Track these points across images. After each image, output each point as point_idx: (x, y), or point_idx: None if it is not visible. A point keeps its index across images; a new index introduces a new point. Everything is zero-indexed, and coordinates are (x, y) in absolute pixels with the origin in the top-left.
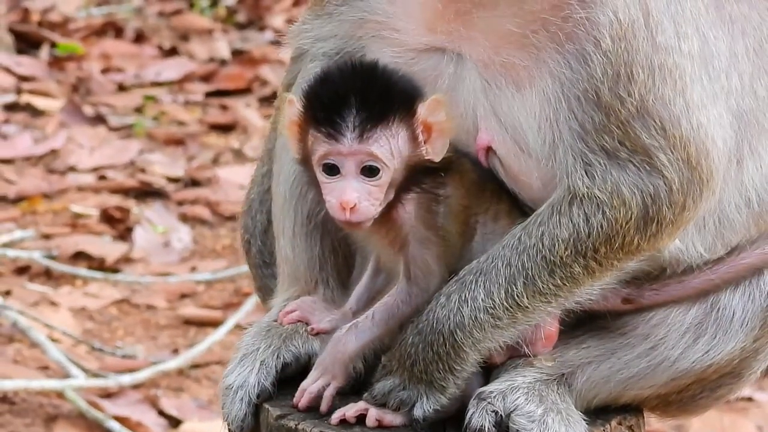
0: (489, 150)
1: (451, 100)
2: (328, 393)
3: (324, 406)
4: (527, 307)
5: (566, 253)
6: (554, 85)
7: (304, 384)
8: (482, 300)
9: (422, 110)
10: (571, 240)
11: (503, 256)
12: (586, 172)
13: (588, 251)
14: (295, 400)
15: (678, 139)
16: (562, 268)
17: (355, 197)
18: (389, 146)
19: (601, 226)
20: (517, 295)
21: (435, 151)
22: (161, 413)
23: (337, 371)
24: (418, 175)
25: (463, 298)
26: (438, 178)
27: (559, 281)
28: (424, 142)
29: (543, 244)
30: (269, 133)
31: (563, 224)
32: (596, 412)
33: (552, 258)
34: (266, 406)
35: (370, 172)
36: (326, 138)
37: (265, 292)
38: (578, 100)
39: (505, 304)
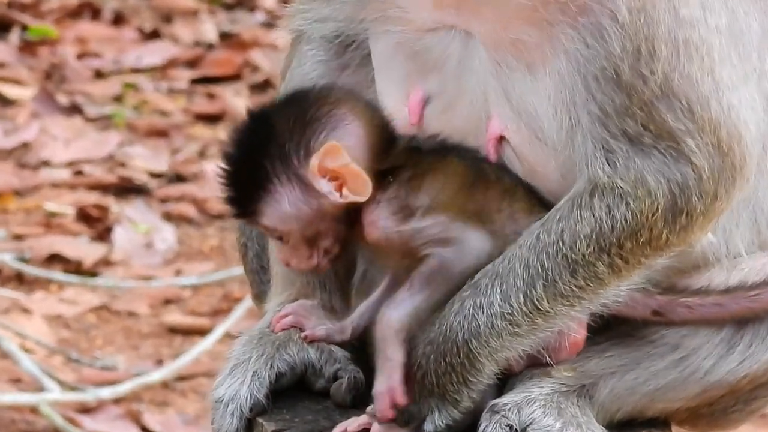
0: (501, 140)
1: (460, 85)
2: (395, 384)
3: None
4: (548, 311)
5: (589, 250)
6: (569, 64)
7: (378, 390)
8: (499, 305)
9: (315, 161)
10: (594, 236)
11: (520, 257)
12: (607, 160)
13: (612, 247)
14: (381, 409)
15: (707, 122)
16: (585, 267)
17: (283, 258)
18: (278, 214)
19: (625, 219)
20: (537, 299)
21: (359, 192)
22: (144, 429)
23: (394, 355)
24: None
25: (478, 304)
26: (403, 183)
27: (582, 282)
28: (341, 186)
29: (563, 242)
30: None
31: (585, 219)
32: (619, 426)
33: (573, 256)
34: (260, 420)
35: (279, 238)
36: (236, 217)
37: (263, 299)
38: (596, 80)
39: (524, 309)
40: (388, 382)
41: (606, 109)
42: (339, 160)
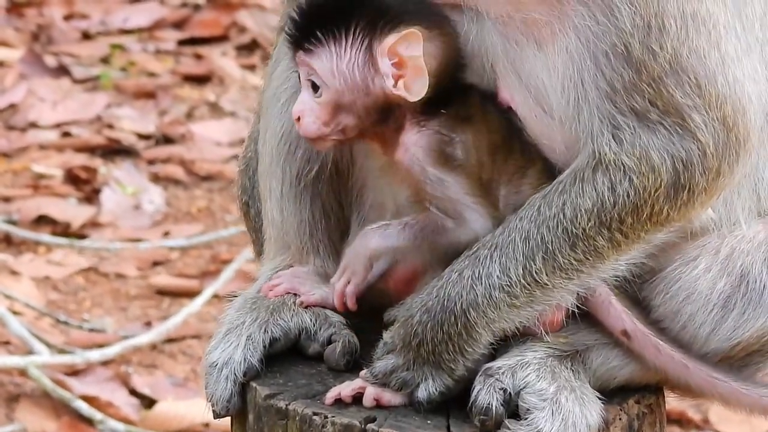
0: (509, 111)
1: (470, 61)
2: (349, 290)
3: (351, 303)
4: (546, 284)
5: (589, 224)
6: (578, 40)
7: (340, 289)
8: (497, 277)
9: (391, 39)
10: (595, 210)
11: (520, 229)
12: (613, 136)
13: (613, 222)
14: (336, 302)
15: (714, 97)
16: (585, 241)
17: (298, 109)
18: (332, 65)
19: (628, 195)
20: (536, 272)
21: (411, 90)
22: (133, 392)
23: (356, 267)
24: (419, 114)
25: (477, 274)
26: (449, 120)
27: (581, 255)
28: (399, 77)
29: (564, 215)
30: (263, 84)
31: (587, 193)
32: (613, 390)
33: (574, 230)
34: (254, 384)
35: (313, 86)
36: (288, 42)
37: None
38: (606, 57)
39: (522, 281)
40: (350, 288)
41: (615, 85)
42: (412, 51)
